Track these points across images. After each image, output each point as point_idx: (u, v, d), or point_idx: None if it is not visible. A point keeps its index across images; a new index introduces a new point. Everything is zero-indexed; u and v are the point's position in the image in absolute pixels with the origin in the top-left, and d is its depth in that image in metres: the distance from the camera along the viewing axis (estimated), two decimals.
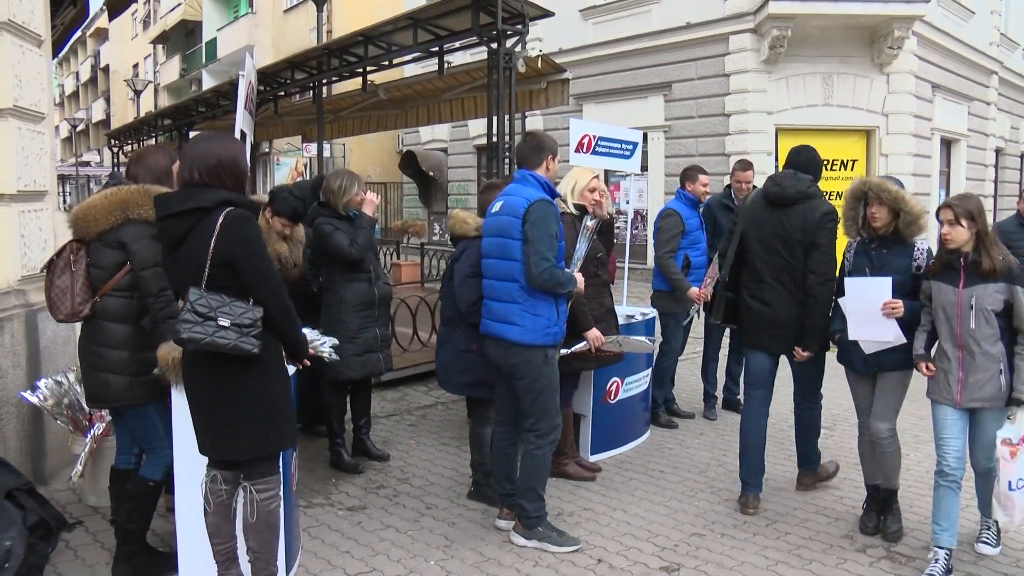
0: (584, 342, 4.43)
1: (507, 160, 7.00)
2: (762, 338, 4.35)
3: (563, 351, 4.17)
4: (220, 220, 2.81)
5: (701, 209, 6.01)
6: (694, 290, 5.67)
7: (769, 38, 12.89)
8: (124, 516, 3.46)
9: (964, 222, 3.59)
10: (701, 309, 6.07)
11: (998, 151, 18.06)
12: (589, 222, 4.10)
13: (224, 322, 2.76)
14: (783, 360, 4.45)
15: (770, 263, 4.26)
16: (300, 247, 4.88)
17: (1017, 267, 3.62)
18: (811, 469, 4.73)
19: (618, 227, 14.04)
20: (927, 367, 3.75)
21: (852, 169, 13.46)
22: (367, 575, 3.61)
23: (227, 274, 2.83)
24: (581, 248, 4.07)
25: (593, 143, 5.85)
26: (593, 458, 5.14)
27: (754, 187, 6.21)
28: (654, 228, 6.05)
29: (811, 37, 13.00)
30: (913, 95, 13.52)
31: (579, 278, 3.92)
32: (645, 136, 6.76)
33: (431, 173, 20.90)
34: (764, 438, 4.45)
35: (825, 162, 14.87)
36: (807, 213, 4.16)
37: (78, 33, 22.92)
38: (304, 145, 16.77)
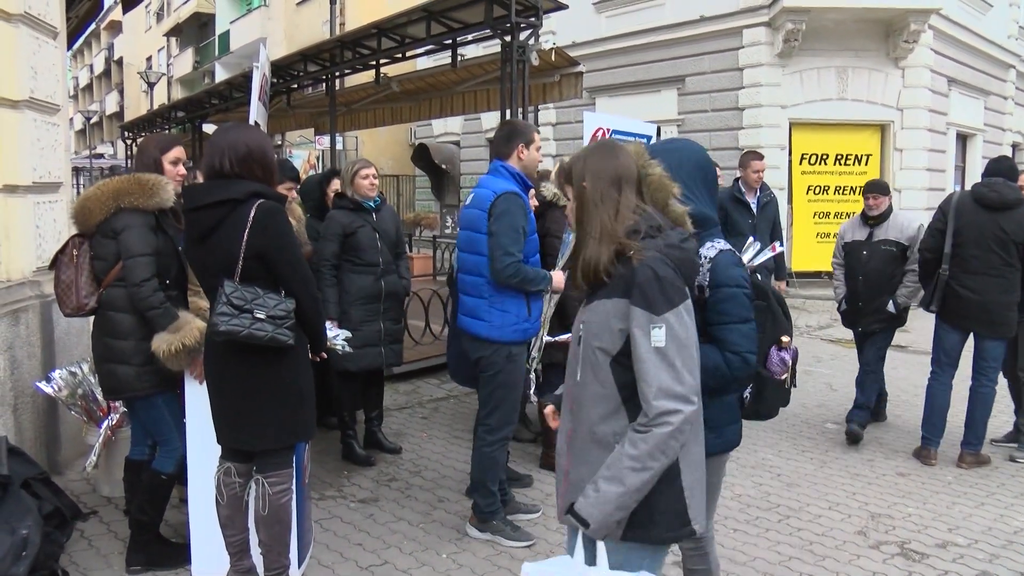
0: (569, 333, 4.40)
1: None
2: (966, 320, 4.93)
3: (547, 339, 4.13)
4: (253, 213, 2.80)
5: None
6: None
7: (783, 32, 12.78)
8: (137, 508, 3.49)
9: (569, 192, 2.11)
10: None
11: (1015, 146, 17.88)
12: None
13: (260, 314, 2.77)
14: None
15: (983, 259, 4.81)
16: (302, 225, 4.98)
17: (646, 272, 1.87)
18: (975, 449, 4.99)
19: None
20: (552, 413, 2.34)
21: (866, 164, 13.35)
22: (379, 567, 3.61)
23: (258, 266, 2.84)
24: (567, 243, 3.95)
25: (607, 136, 5.83)
26: None
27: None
28: None
29: (826, 31, 12.89)
30: (929, 89, 13.38)
31: (557, 275, 3.80)
32: (658, 130, 6.74)
33: (443, 166, 20.87)
34: (948, 403, 5.05)
35: (839, 157, 14.61)
36: (1022, 217, 4.75)
37: (92, 26, 23.02)
38: (316, 138, 16.74)
